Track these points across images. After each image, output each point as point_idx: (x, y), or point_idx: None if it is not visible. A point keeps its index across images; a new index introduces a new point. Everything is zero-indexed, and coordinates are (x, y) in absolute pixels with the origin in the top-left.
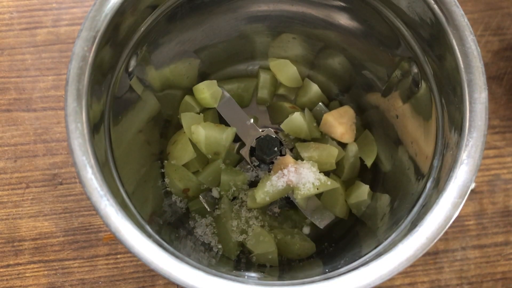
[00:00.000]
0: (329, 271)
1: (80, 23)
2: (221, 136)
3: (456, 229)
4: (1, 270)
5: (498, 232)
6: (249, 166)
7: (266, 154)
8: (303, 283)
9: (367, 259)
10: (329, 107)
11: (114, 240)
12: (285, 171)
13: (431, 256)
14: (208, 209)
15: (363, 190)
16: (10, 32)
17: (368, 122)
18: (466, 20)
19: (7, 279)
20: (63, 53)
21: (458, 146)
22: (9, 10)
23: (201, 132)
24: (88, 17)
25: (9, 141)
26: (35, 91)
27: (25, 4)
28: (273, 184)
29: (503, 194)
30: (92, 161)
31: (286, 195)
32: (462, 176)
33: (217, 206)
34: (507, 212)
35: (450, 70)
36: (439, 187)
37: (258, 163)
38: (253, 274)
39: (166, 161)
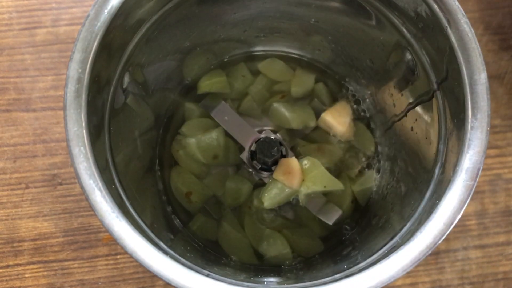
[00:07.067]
0: (348, 268)
1: (80, 23)
2: (211, 138)
3: (457, 229)
4: (1, 270)
5: (499, 232)
6: (251, 170)
7: (268, 156)
8: (325, 283)
9: (386, 251)
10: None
11: (114, 241)
12: (290, 172)
13: (433, 256)
14: (214, 217)
15: (369, 176)
16: (9, 32)
17: (367, 114)
18: (457, 3)
19: (6, 280)
20: (63, 53)
21: (463, 129)
22: (8, 10)
23: (191, 143)
24: (79, 38)
25: (8, 142)
26: (34, 91)
27: (24, 4)
28: (279, 187)
29: (504, 194)
30: (100, 184)
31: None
32: (471, 158)
33: (222, 214)
34: (509, 212)
35: (446, 54)
36: (447, 172)
37: (260, 166)
38: (271, 279)
39: (169, 167)
